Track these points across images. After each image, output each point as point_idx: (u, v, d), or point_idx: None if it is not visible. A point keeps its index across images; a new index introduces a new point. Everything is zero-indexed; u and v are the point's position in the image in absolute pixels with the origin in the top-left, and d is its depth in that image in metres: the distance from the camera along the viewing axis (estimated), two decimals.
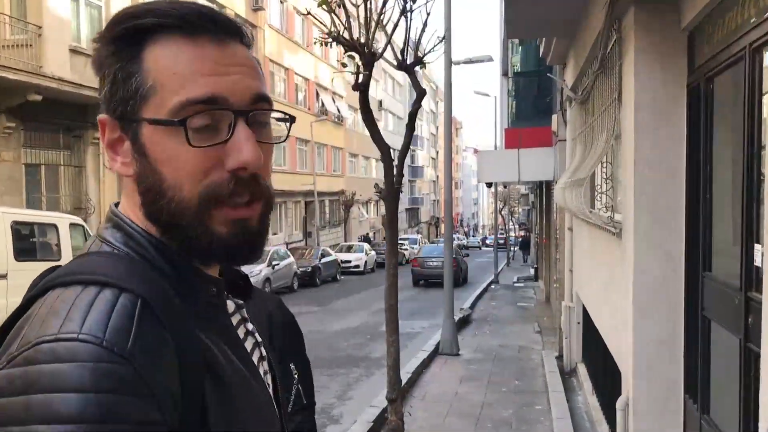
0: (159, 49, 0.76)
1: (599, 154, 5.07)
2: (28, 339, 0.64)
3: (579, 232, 8.38)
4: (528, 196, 33.91)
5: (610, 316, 5.52)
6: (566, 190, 7.00)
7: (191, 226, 0.76)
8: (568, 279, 9.44)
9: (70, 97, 15.11)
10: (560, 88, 9.41)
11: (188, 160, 0.75)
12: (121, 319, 0.65)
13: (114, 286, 0.68)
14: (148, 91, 0.75)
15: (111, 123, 0.80)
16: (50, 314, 0.66)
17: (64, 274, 0.72)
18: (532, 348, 10.49)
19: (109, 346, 0.63)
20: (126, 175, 0.80)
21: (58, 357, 0.61)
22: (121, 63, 0.77)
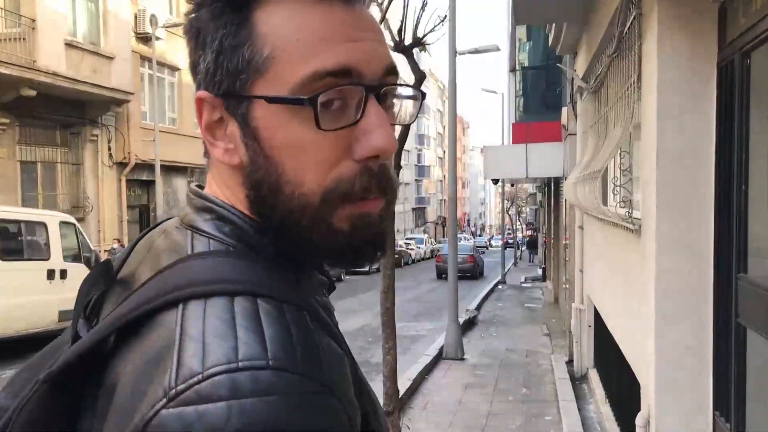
0: (276, 11, 0.63)
1: (615, 143, 4.62)
2: (192, 369, 0.51)
3: (591, 230, 7.92)
4: (535, 195, 33.45)
5: (627, 322, 5.06)
6: (578, 185, 6.56)
7: (312, 225, 0.64)
8: (579, 280, 8.99)
9: (66, 92, 14.80)
10: (570, 78, 8.95)
11: (315, 147, 0.62)
12: (303, 338, 0.55)
13: (268, 296, 0.57)
14: (265, 61, 0.62)
15: (212, 101, 0.66)
16: (210, 334, 0.53)
17: (192, 283, 0.58)
18: (540, 352, 10.03)
19: (307, 373, 0.52)
20: (230, 164, 0.66)
21: (248, 391, 0.49)
22: (230, 27, 0.63)
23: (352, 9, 0.65)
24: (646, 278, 4.15)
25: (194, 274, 0.60)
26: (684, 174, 3.84)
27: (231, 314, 0.55)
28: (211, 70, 0.65)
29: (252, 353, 0.52)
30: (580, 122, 8.90)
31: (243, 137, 0.65)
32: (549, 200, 20.43)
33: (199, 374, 0.51)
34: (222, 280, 0.59)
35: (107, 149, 17.23)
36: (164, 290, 0.59)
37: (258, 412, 0.49)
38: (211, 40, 0.64)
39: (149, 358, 0.55)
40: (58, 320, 9.89)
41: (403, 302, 17.13)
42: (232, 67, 0.63)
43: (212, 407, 0.49)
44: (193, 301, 0.57)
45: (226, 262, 0.62)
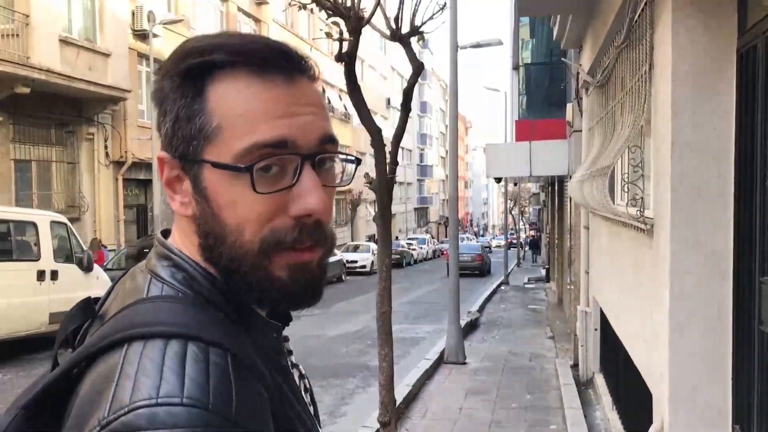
0: (226, 87, 0.72)
1: (625, 138, 4.34)
2: (121, 402, 0.61)
3: (597, 230, 7.64)
4: (539, 195, 33.12)
5: (637, 327, 4.78)
6: (585, 182, 6.28)
7: (251, 271, 0.73)
8: (584, 281, 8.70)
9: (61, 89, 14.57)
10: (575, 73, 8.66)
11: (252, 206, 0.71)
12: (219, 379, 0.63)
13: (199, 340, 0.66)
14: (214, 131, 0.71)
15: (171, 161, 0.75)
16: (140, 374, 0.62)
17: (135, 324, 0.68)
18: (544, 356, 9.74)
19: (214, 409, 0.61)
20: (184, 215, 0.76)
21: (162, 423, 0.59)
22: (185, 99, 0.73)
23: (293, 85, 0.73)
24: (658, 281, 3.87)
25: (140, 316, 0.69)
26: (701, 169, 3.56)
27: (162, 356, 0.64)
28: (170, 134, 0.74)
29: (170, 391, 0.60)
30: (585, 118, 8.61)
31: (195, 194, 0.73)
32: (552, 200, 20.13)
33: (126, 407, 0.60)
34: (161, 323, 0.67)
35: (104, 148, 16.98)
36: (116, 329, 0.68)
37: None
38: (171, 108, 0.73)
39: (94, 390, 0.64)
40: (48, 322, 9.63)
41: (404, 304, 16.85)
42: (186, 134, 0.72)
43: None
44: (135, 342, 0.65)
45: (170, 306, 0.70)
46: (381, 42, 48.30)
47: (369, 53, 43.91)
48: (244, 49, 0.72)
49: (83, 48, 15.15)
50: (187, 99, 0.72)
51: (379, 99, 45.91)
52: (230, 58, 0.72)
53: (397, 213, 51.30)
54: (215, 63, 0.72)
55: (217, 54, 0.72)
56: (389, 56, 49.87)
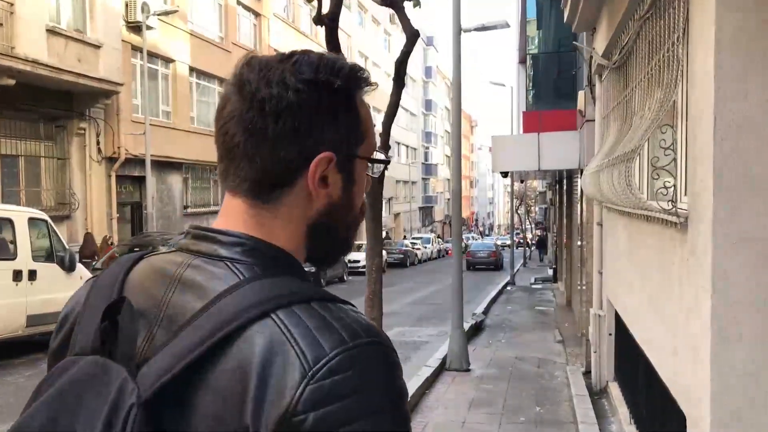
0: (359, 100, 0.91)
1: (654, 115, 3.72)
2: (318, 354, 0.70)
3: (612, 226, 7.01)
4: (546, 193, 32.48)
5: (664, 336, 4.17)
6: (601, 173, 5.66)
7: (348, 235, 0.94)
8: (597, 282, 8.08)
9: (49, 82, 14.02)
10: (588, 58, 8.04)
11: (366, 188, 0.95)
12: (365, 321, 0.77)
13: (324, 299, 0.78)
14: (363, 134, 0.91)
15: (332, 159, 0.87)
16: (315, 330, 0.73)
17: (267, 298, 0.76)
18: (554, 362, 9.11)
19: (385, 341, 0.76)
20: (324, 203, 0.88)
21: (362, 360, 0.72)
22: (350, 110, 0.89)
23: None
24: (696, 284, 3.25)
25: (266, 291, 0.78)
26: (749, 149, 2.95)
27: (318, 313, 0.75)
28: (344, 138, 0.88)
29: (353, 334, 0.73)
30: (599, 107, 7.99)
31: (345, 183, 0.90)
32: (560, 197, 19.51)
33: (326, 356, 0.70)
34: (290, 293, 0.78)
35: (96, 143, 16.41)
36: (239, 311, 0.75)
37: (374, 372, 0.72)
38: (341, 117, 0.88)
39: (264, 360, 0.71)
40: (26, 325, 9.06)
41: (405, 305, 16.24)
42: (354, 137, 0.90)
43: (342, 376, 0.70)
44: (281, 310, 0.75)
45: (281, 281, 0.80)
46: (385, 39, 47.76)
47: (372, 50, 43.37)
48: (364, 75, 0.91)
49: (72, 39, 14.59)
50: (347, 111, 0.89)
51: (382, 95, 45.15)
52: (361, 80, 0.90)
53: (401, 212, 50.69)
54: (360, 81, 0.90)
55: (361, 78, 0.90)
56: (393, 53, 49.21)
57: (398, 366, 0.75)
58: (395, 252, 33.35)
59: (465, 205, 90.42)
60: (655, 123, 3.66)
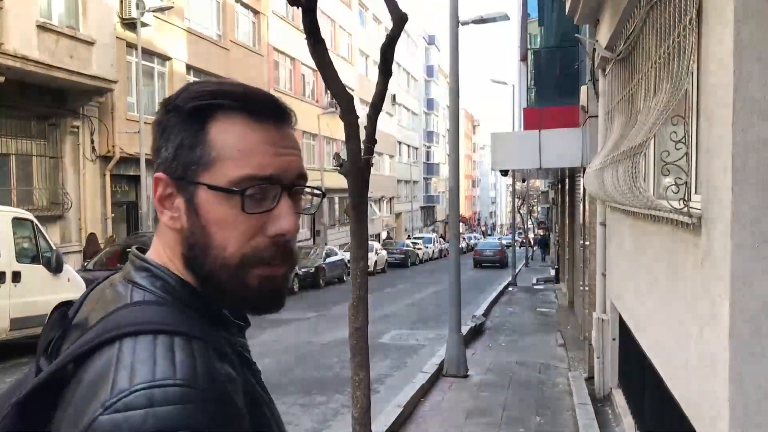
0: (225, 126, 0.87)
1: (664, 105, 3.40)
2: (122, 387, 0.71)
3: (617, 226, 6.70)
4: (548, 193, 32.13)
5: (674, 346, 3.85)
6: (605, 170, 5.34)
7: (229, 281, 0.86)
8: (601, 285, 7.75)
9: (41, 79, 13.71)
10: (591, 51, 7.72)
11: (238, 224, 0.85)
12: (204, 363, 0.75)
13: (182, 334, 0.78)
14: (211, 160, 0.86)
15: (167, 181, 0.88)
16: (136, 363, 0.73)
17: (124, 324, 0.79)
18: (555, 367, 8.79)
19: (203, 387, 0.73)
20: (172, 228, 0.89)
21: (160, 401, 0.70)
22: (189, 132, 0.87)
23: (281, 131, 0.91)
24: (712, 292, 2.93)
25: (127, 318, 0.81)
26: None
27: (153, 347, 0.75)
28: (170, 159, 0.88)
29: (165, 374, 0.72)
30: (602, 102, 7.67)
31: (187, 211, 0.87)
32: (563, 197, 19.18)
33: (126, 390, 0.71)
34: (148, 322, 0.79)
35: (90, 142, 16.10)
36: (105, 330, 0.79)
37: (168, 416, 0.69)
38: (174, 137, 0.88)
39: (93, 380, 0.75)
40: (9, 329, 8.76)
41: (403, 307, 15.92)
42: (188, 160, 0.87)
43: (134, 413, 0.69)
44: (127, 338, 0.77)
45: (153, 309, 0.82)
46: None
47: (374, 49, 43.03)
48: (246, 97, 0.88)
49: (64, 35, 14.28)
50: (191, 131, 0.87)
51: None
52: (233, 103, 0.87)
53: (403, 212, 50.36)
54: (221, 105, 0.87)
55: (222, 99, 0.87)
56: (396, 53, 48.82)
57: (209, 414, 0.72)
58: (396, 252, 33.05)
59: (467, 204, 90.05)
60: (664, 114, 3.33)
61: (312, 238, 31.36)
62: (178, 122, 0.88)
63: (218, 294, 0.88)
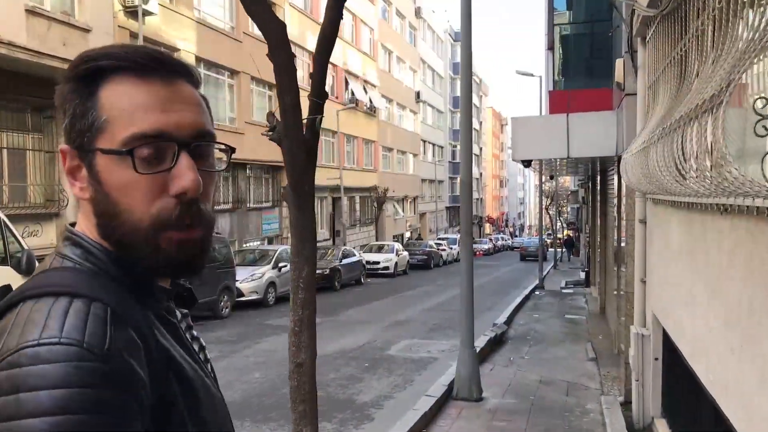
0: (113, 88, 0.86)
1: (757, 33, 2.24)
2: (9, 346, 0.72)
3: (662, 223, 5.51)
4: (577, 192, 30.72)
5: (756, 385, 2.68)
6: (651, 149, 4.18)
7: (141, 245, 0.86)
8: (640, 293, 6.56)
9: (34, 68, 12.82)
10: (629, 16, 6.54)
11: (136, 186, 0.84)
12: (96, 324, 0.75)
13: (84, 296, 0.78)
14: (102, 124, 0.85)
15: (70, 152, 0.89)
16: (28, 323, 0.75)
17: (32, 287, 0.80)
18: (586, 387, 7.59)
19: (88, 347, 0.72)
20: (83, 198, 0.89)
21: (43, 359, 0.70)
22: (80, 99, 0.87)
23: (171, 87, 0.89)
24: None
25: (36, 282, 0.82)
26: None
27: (49, 309, 0.76)
28: (68, 129, 0.89)
29: (51, 334, 0.72)
30: (641, 77, 6.48)
31: (90, 179, 0.87)
32: (594, 194, 17.90)
33: (12, 349, 0.72)
34: (52, 284, 0.80)
35: None
36: (14, 294, 0.81)
37: (48, 374, 0.69)
38: (68, 107, 0.88)
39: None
40: None
41: (420, 312, 14.76)
42: (82, 128, 0.87)
43: (16, 371, 0.70)
44: (29, 300, 0.78)
45: (63, 274, 0.84)
46: (410, 33, 46.26)
47: (397, 45, 41.91)
48: (126, 56, 0.87)
49: (56, 21, 13.41)
50: (81, 99, 0.87)
51: (407, 92, 43.78)
52: (116, 63, 0.86)
53: (427, 212, 49.12)
54: (104, 68, 0.86)
55: (105, 60, 0.87)
56: (419, 48, 47.76)
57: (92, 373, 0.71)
58: (418, 253, 31.88)
59: (494, 205, 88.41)
60: (760, 43, 2.17)
61: (332, 239, 30.34)
62: (70, 91, 0.88)
63: (134, 259, 0.87)
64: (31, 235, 13.96)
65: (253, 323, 12.65)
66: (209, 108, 0.96)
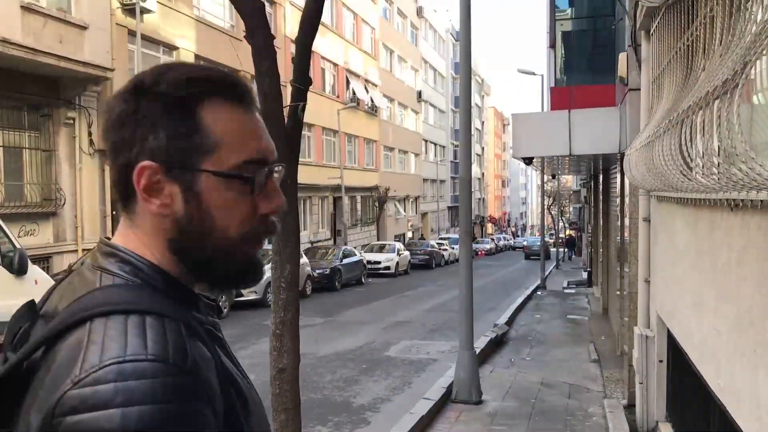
0: (215, 111, 0.87)
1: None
2: (92, 363, 0.72)
3: (667, 221, 5.34)
4: (580, 192, 30.54)
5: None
6: (656, 142, 4.01)
7: (222, 260, 0.89)
8: (644, 293, 6.39)
9: (29, 65, 12.71)
10: (631, 8, 6.36)
11: (239, 207, 0.88)
12: (176, 340, 0.76)
13: (154, 313, 0.78)
14: (210, 146, 0.86)
15: (154, 168, 0.86)
16: (107, 340, 0.74)
17: (94, 305, 0.79)
18: (588, 390, 7.42)
19: (174, 363, 0.73)
20: (161, 214, 0.87)
21: (130, 375, 0.70)
22: (179, 119, 0.86)
23: (254, 112, 0.93)
24: None
25: (99, 299, 0.81)
26: None
27: (124, 325, 0.75)
28: (163, 147, 0.86)
29: (136, 350, 0.72)
30: (645, 71, 6.30)
31: (185, 198, 0.86)
32: (596, 194, 17.72)
33: (96, 366, 0.71)
34: (119, 302, 0.79)
35: (87, 134, 15.06)
36: (75, 312, 0.79)
37: (137, 389, 0.69)
38: (160, 124, 0.86)
39: (63, 360, 0.74)
40: None
41: (420, 313, 14.59)
42: (185, 147, 0.86)
43: (103, 387, 0.69)
44: (97, 318, 0.77)
45: (123, 291, 0.83)
46: (412, 33, 46.07)
47: (399, 44, 41.74)
48: (224, 81, 0.90)
49: (52, 17, 13.25)
50: (180, 118, 0.86)
51: (409, 92, 43.59)
52: (217, 88, 0.88)
53: (429, 212, 48.93)
54: (205, 92, 0.87)
55: (206, 85, 0.88)
56: (420, 47, 47.56)
57: (179, 388, 0.72)
58: (420, 253, 31.70)
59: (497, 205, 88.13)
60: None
61: (333, 239, 30.18)
62: (162, 109, 0.86)
63: (205, 275, 0.90)
64: (27, 235, 13.82)
65: (251, 323, 12.48)
66: None
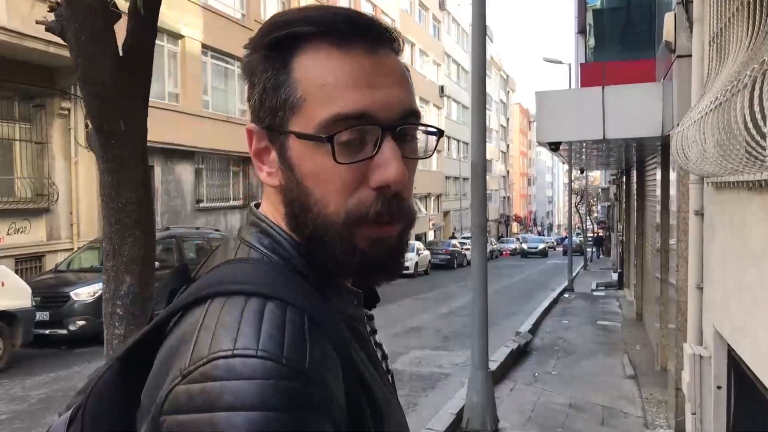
0: (310, 58, 0.74)
1: None
2: (201, 354, 0.63)
3: (731, 213, 4.21)
4: (608, 189, 29.22)
5: None
6: (717, 111, 2.92)
7: (335, 241, 0.75)
8: (695, 303, 5.28)
9: (20, 52, 11.96)
10: None
11: (334, 177, 0.73)
12: (294, 335, 0.65)
13: (278, 299, 0.68)
14: (297, 102, 0.74)
15: (258, 132, 0.79)
16: (219, 327, 0.65)
17: (220, 281, 0.72)
18: (624, 414, 6.30)
19: (288, 363, 0.62)
20: (271, 185, 0.80)
21: (238, 374, 0.61)
22: (272, 71, 0.76)
23: (375, 56, 0.75)
24: None
25: (224, 275, 0.73)
26: None
27: (241, 311, 0.66)
28: (257, 106, 0.78)
29: (246, 344, 0.62)
30: (698, 32, 5.18)
31: (281, 164, 0.77)
32: (628, 190, 16.50)
33: (204, 358, 0.62)
34: (243, 282, 0.70)
35: (84, 126, 14.24)
36: (201, 287, 0.72)
37: (245, 392, 0.60)
38: (258, 80, 0.77)
39: (177, 342, 0.68)
40: None
41: (436, 318, 13.51)
42: (273, 105, 0.75)
43: (210, 385, 0.61)
44: (218, 298, 0.69)
45: (253, 268, 0.74)
46: (434, 26, 44.94)
47: (420, 38, 40.63)
48: (325, 20, 0.74)
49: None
50: (273, 71, 0.75)
51: (431, 86, 42.46)
52: (313, 29, 0.73)
53: (451, 210, 47.78)
54: (299, 34, 0.74)
55: (302, 26, 0.74)
56: (443, 41, 46.39)
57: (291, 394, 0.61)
58: (441, 252, 30.60)
59: (522, 203, 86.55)
60: None
61: None
62: (260, 61, 0.77)
63: (326, 257, 0.76)
64: (18, 233, 13.05)
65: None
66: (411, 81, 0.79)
